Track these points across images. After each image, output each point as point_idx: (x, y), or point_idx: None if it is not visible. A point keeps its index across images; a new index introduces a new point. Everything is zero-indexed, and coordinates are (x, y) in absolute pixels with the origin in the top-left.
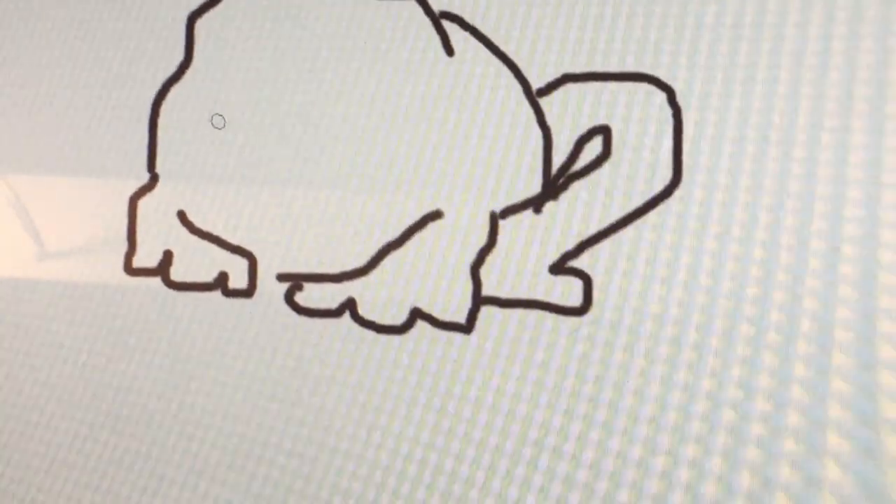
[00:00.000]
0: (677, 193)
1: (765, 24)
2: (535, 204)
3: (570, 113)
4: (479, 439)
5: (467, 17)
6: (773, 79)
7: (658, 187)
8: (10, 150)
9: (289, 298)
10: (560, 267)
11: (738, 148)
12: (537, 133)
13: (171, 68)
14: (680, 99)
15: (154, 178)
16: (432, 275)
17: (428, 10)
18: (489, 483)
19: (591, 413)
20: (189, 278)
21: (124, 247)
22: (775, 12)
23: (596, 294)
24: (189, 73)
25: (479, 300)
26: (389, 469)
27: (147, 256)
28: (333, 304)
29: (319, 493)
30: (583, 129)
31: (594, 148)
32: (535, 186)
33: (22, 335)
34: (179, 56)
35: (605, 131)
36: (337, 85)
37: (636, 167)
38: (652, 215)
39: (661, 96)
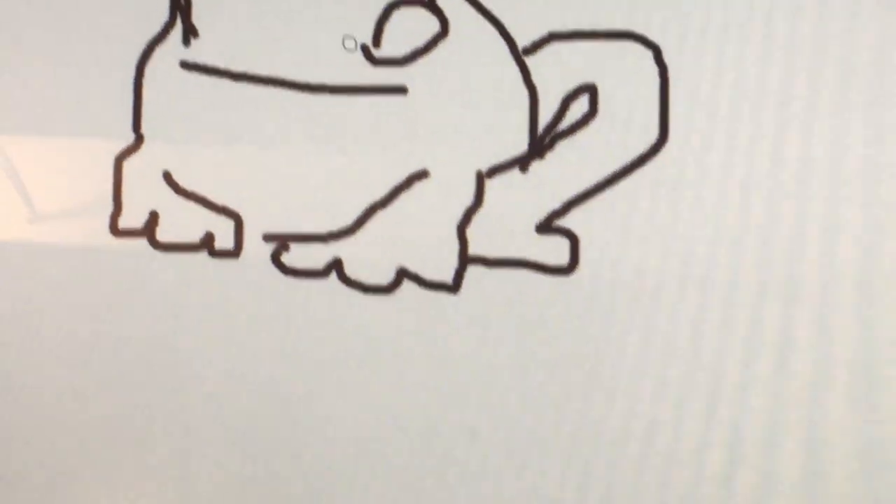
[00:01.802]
0: (663, 152)
1: None
2: (522, 163)
3: (557, 71)
4: (464, 396)
5: None
6: (759, 38)
7: (644, 146)
8: None
9: (275, 259)
10: (547, 226)
11: (725, 107)
12: (523, 92)
13: (156, 28)
14: (666, 57)
15: (139, 139)
16: (419, 235)
17: None
18: (477, 438)
19: (577, 367)
20: (175, 239)
21: (110, 208)
22: None
23: (582, 252)
24: (174, 33)
25: (465, 260)
26: (376, 427)
27: (133, 217)
28: (320, 265)
29: (306, 449)
30: (569, 88)
31: (580, 107)
32: (521, 145)
33: (12, 297)
34: (164, 16)
35: (591, 90)
36: (322, 44)
37: (622, 126)
38: (638, 174)
39: (647, 54)
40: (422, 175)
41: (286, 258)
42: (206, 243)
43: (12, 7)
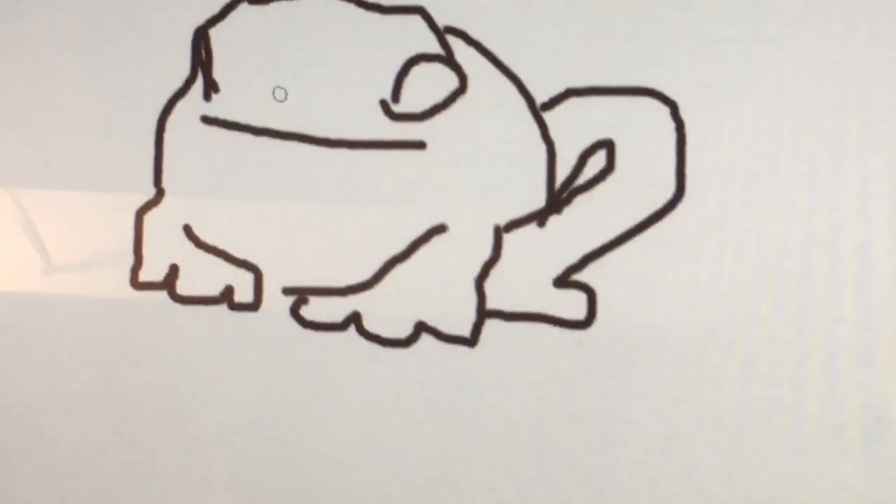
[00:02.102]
0: (680, 207)
1: (768, 38)
2: (539, 218)
3: (574, 127)
4: (483, 451)
5: (472, 33)
6: (777, 93)
7: (661, 201)
8: (17, 165)
9: (294, 312)
10: (564, 280)
11: (740, 162)
12: (541, 147)
13: (178, 83)
14: (683, 113)
15: (160, 193)
16: (437, 288)
17: (432, 26)
18: (496, 492)
19: (596, 422)
20: (195, 292)
21: (130, 261)
22: (779, 27)
23: (599, 307)
24: (195, 88)
25: (483, 313)
26: (394, 481)
27: (153, 270)
28: (338, 318)
29: (323, 502)
30: (586, 144)
31: (598, 162)
32: (539, 200)
33: (29, 349)
34: (185, 71)
35: (608, 145)
36: (343, 97)
37: (639, 181)
38: (655, 229)
39: (664, 110)
40: (440, 229)
41: (305, 311)
42: (226, 296)
43: (33, 61)
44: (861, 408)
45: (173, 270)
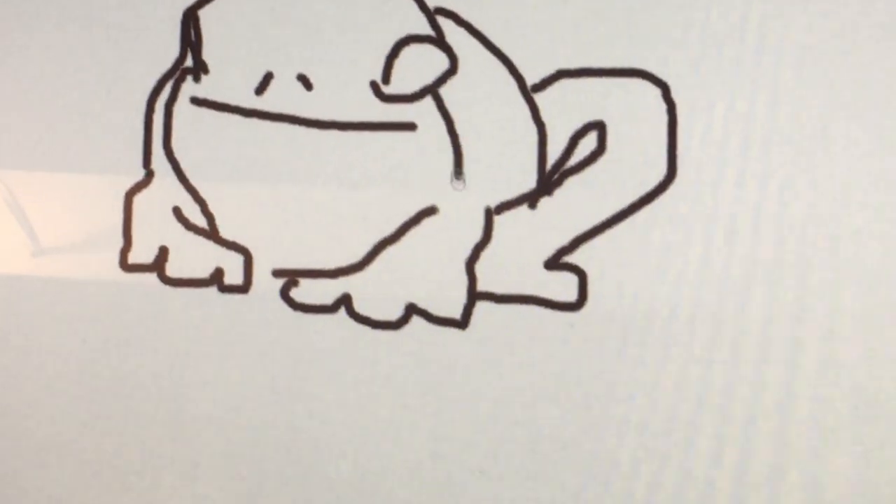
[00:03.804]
0: (672, 189)
1: (760, 20)
2: (530, 200)
3: (565, 109)
4: (474, 432)
5: (462, 14)
6: (768, 75)
7: (652, 183)
8: (5, 147)
9: (284, 294)
10: (555, 262)
11: (732, 144)
12: (532, 129)
13: (167, 64)
14: (674, 94)
15: (150, 175)
16: (427, 271)
17: (423, 7)
18: (487, 473)
19: (586, 404)
20: (185, 274)
21: (120, 243)
22: (771, 9)
23: (591, 289)
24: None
25: (474, 296)
26: (385, 461)
27: (143, 252)
28: (329, 300)
29: (315, 485)
30: (578, 125)
31: (589, 143)
32: (529, 182)
33: (18, 331)
34: (175, 52)
35: (599, 127)
36: (332, 80)
37: (631, 163)
38: (646, 211)
39: (655, 92)
40: (431, 211)
41: (295, 293)
42: (216, 279)
43: (22, 42)
44: (855, 390)
45: (163, 252)
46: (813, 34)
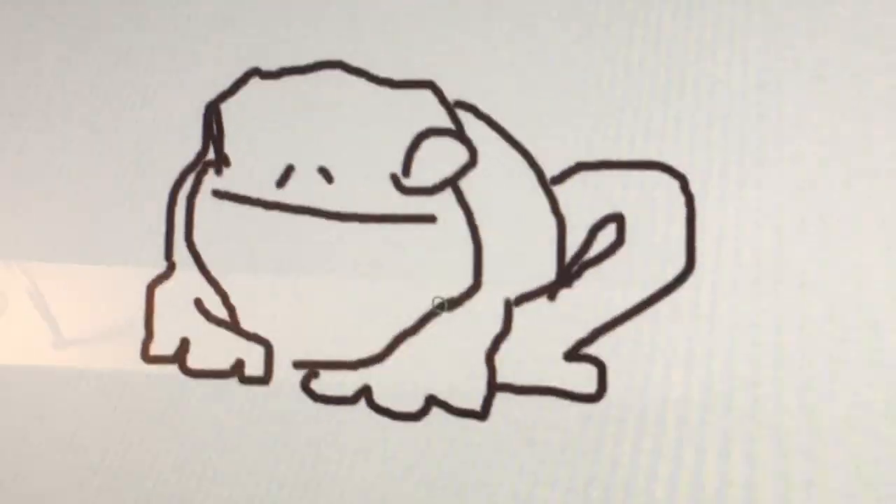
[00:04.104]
0: (690, 281)
1: (779, 113)
2: (550, 291)
3: (584, 201)
4: None
5: (482, 107)
6: (786, 168)
7: (671, 275)
8: (27, 238)
9: (305, 386)
10: (574, 354)
11: (751, 236)
12: (551, 221)
13: (189, 157)
14: (693, 186)
15: (171, 267)
16: (447, 362)
17: (443, 100)
18: None
19: (606, 496)
20: (205, 366)
21: (141, 334)
22: (788, 102)
23: (610, 380)
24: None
25: (493, 387)
26: None
27: (164, 344)
28: (349, 392)
29: None
30: (596, 217)
31: (608, 236)
32: (549, 274)
33: (39, 422)
34: (197, 145)
35: (618, 219)
36: (352, 172)
37: (649, 255)
38: (665, 303)
39: (673, 184)
40: (451, 304)
41: (316, 385)
42: (237, 370)
43: (44, 132)
44: (881, 484)
45: (184, 344)
46: (838, 128)
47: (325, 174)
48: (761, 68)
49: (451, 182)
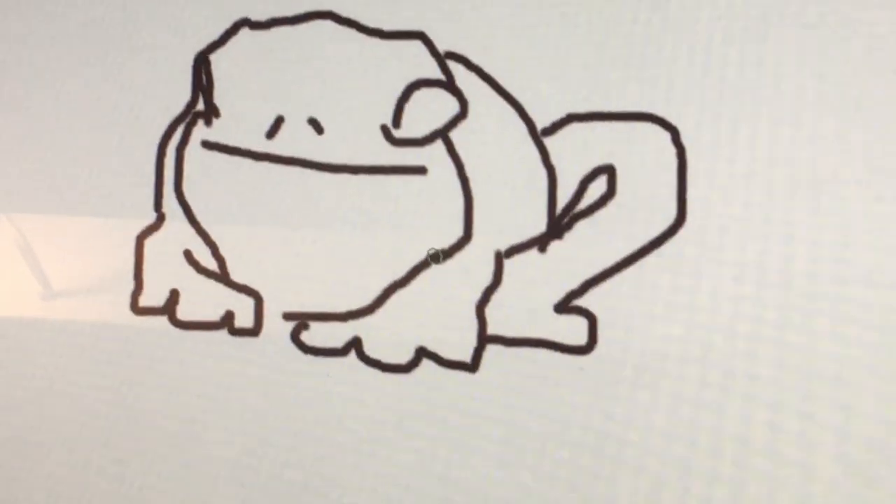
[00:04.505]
0: (681, 232)
1: (774, 65)
2: (540, 243)
3: (575, 152)
4: (485, 477)
5: (473, 58)
6: (778, 120)
7: (662, 227)
8: (16, 190)
9: (295, 337)
10: (565, 306)
11: (742, 187)
12: (542, 172)
13: (178, 108)
14: (684, 138)
15: (161, 218)
16: (438, 314)
17: (433, 51)
18: None
19: (597, 447)
20: (195, 317)
21: (131, 286)
22: (780, 52)
23: (600, 332)
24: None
25: (484, 339)
26: None
27: (153, 295)
28: (339, 343)
29: None
30: (587, 169)
31: (599, 187)
32: (539, 226)
33: (28, 374)
34: (186, 96)
35: (609, 171)
36: (343, 124)
37: (640, 207)
38: (656, 254)
39: (665, 136)
40: (441, 255)
41: (306, 337)
42: (227, 322)
43: (32, 85)
44: (867, 430)
45: (174, 295)
46: (828, 79)
47: (315, 125)
48: (754, 19)
49: (442, 133)
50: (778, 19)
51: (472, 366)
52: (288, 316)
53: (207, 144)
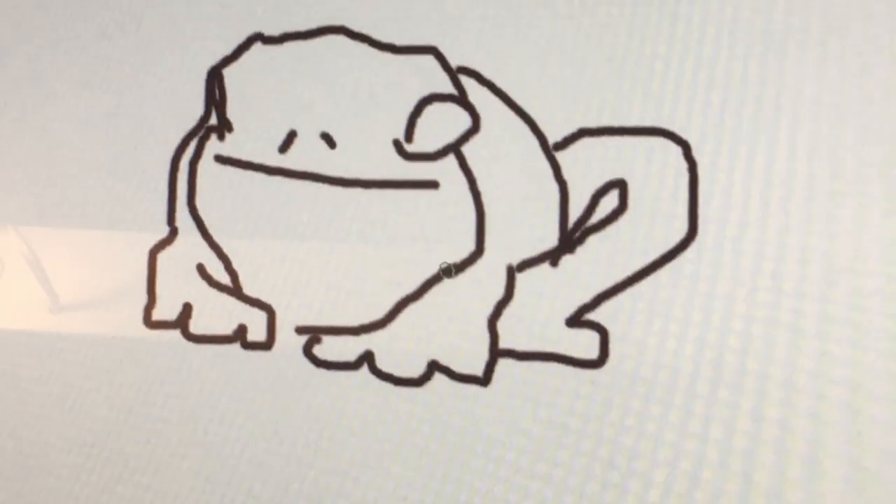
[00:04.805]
0: (692, 247)
1: (783, 79)
2: (552, 257)
3: (587, 167)
4: (497, 493)
5: (485, 73)
6: (790, 134)
7: (673, 241)
8: (30, 204)
9: (307, 351)
10: (576, 320)
11: (753, 202)
12: (554, 187)
13: (191, 122)
14: (695, 153)
15: (174, 232)
16: (450, 328)
17: (445, 66)
18: None
19: (609, 461)
20: (208, 331)
21: (144, 300)
22: (791, 68)
23: (612, 346)
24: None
25: (496, 353)
26: None
27: (166, 309)
28: (352, 357)
29: None
30: (599, 183)
31: (610, 202)
32: (551, 240)
33: (40, 388)
34: (199, 110)
35: (621, 185)
36: (355, 138)
37: (652, 221)
38: (668, 268)
39: (676, 150)
40: (453, 269)
41: (318, 350)
42: (239, 335)
43: (47, 98)
44: (883, 447)
45: (186, 309)
46: (838, 93)
47: (328, 140)
48: (764, 32)
49: (454, 148)
50: (786, 32)
51: (484, 379)
52: (301, 330)
53: (220, 159)
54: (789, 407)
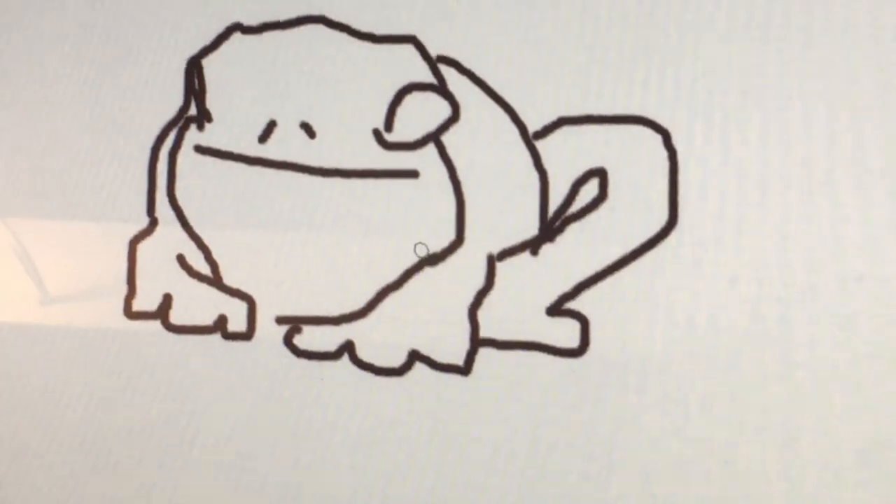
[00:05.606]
0: (673, 235)
1: (763, 67)
2: (532, 246)
3: (567, 156)
4: (477, 480)
5: (464, 62)
6: (768, 123)
7: (654, 229)
8: (12, 195)
9: (288, 341)
10: (557, 308)
11: (732, 190)
12: (534, 176)
13: (171, 112)
14: (675, 141)
15: (153, 223)
16: (430, 317)
17: (425, 55)
18: None
19: (589, 450)
20: (188, 321)
21: (124, 290)
22: (771, 57)
23: (592, 335)
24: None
25: (476, 342)
26: None
27: (147, 300)
28: (332, 347)
29: None
30: (579, 172)
31: (590, 190)
32: (531, 229)
33: (24, 378)
34: (179, 100)
35: (601, 174)
36: (335, 127)
37: (632, 209)
38: (648, 257)
39: (656, 139)
40: (433, 259)
41: (298, 340)
42: (220, 326)
43: (26, 91)
44: (855, 435)
45: (167, 300)
46: (817, 81)
47: (308, 129)
48: (745, 23)
49: (434, 137)
50: (767, 22)
51: (465, 369)
52: (281, 320)
53: (200, 149)
54: (767, 393)
